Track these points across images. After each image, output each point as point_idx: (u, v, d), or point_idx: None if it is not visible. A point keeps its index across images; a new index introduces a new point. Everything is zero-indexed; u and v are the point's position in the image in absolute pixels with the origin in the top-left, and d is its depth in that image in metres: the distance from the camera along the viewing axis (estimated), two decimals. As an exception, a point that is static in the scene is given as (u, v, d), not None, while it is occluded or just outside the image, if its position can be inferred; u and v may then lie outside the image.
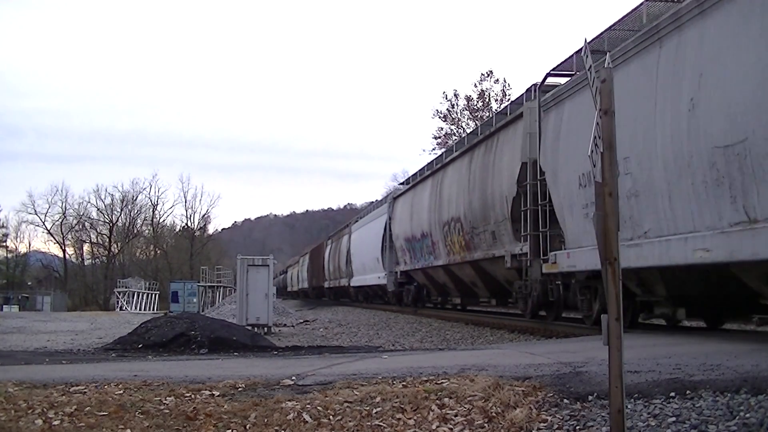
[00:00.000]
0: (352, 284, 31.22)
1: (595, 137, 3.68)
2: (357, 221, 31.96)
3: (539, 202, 12.53)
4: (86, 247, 74.64)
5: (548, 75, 12.78)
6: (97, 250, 73.86)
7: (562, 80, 12.27)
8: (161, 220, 76.51)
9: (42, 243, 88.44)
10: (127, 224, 74.21)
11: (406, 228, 22.01)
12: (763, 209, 6.73)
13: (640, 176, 8.83)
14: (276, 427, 4.56)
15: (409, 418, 4.62)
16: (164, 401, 5.05)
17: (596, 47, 10.31)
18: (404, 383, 5.40)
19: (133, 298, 53.64)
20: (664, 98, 8.35)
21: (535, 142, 12.88)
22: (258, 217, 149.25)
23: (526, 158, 13.13)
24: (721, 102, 7.29)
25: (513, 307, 16.92)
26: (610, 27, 10.43)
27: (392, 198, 24.99)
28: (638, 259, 8.82)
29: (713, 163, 7.38)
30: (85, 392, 5.37)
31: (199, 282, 51.75)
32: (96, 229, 73.60)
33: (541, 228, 12.48)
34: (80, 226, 72.74)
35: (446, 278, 19.41)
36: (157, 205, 74.83)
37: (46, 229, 71.12)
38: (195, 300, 47.52)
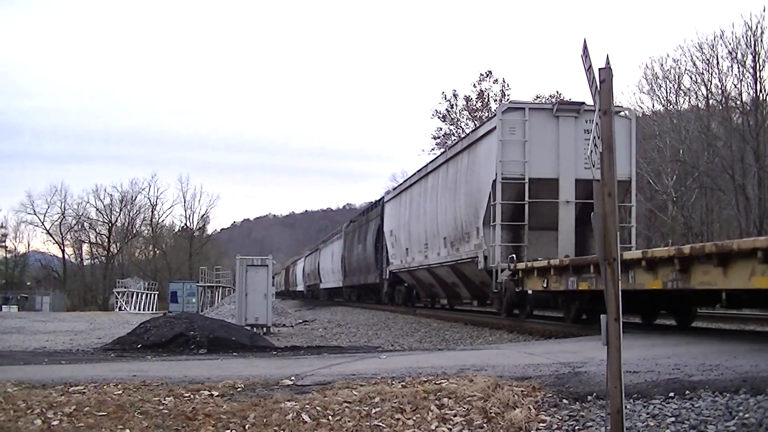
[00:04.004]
0: (297, 289, 56.20)
1: (594, 137, 3.69)
2: (299, 260, 57.62)
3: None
4: (85, 247, 74.72)
5: None
6: (96, 250, 73.89)
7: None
8: (160, 220, 76.59)
9: (41, 243, 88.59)
10: (126, 224, 74.22)
11: (308, 270, 48.73)
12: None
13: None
14: (275, 428, 4.56)
15: (408, 419, 4.62)
16: (163, 401, 5.05)
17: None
18: (403, 383, 5.40)
19: (132, 298, 53.64)
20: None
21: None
22: (257, 218, 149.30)
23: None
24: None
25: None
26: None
27: (305, 255, 52.79)
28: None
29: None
30: (84, 392, 5.37)
31: (198, 282, 51.78)
32: (95, 229, 73.69)
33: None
34: (79, 226, 72.81)
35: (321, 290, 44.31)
36: (156, 205, 74.87)
37: (45, 230, 71.18)
38: (194, 300, 47.54)
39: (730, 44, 30.01)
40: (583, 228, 13.52)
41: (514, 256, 13.02)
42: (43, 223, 70.65)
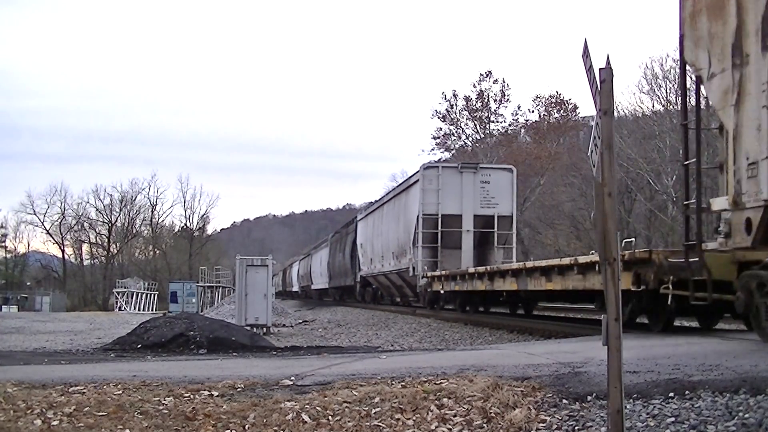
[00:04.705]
0: (293, 290, 59.98)
1: (594, 137, 3.68)
2: (294, 262, 61.83)
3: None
4: (85, 248, 74.68)
5: None
6: (96, 251, 73.87)
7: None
8: (160, 220, 76.55)
9: (41, 243, 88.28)
10: (126, 224, 74.21)
11: (302, 272, 53.07)
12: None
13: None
14: (275, 428, 4.56)
15: (408, 419, 4.62)
16: (163, 401, 5.05)
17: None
18: (403, 383, 5.40)
19: (132, 298, 53.62)
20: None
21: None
22: (257, 218, 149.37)
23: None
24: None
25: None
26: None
27: (300, 259, 57.62)
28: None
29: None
30: (84, 392, 5.37)
31: (198, 282, 51.77)
32: (95, 230, 73.67)
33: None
34: (79, 227, 72.77)
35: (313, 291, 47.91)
36: (156, 205, 74.85)
37: (45, 230, 71.16)
38: (194, 300, 47.56)
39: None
40: (480, 248, 20.02)
41: (426, 267, 19.31)
42: (43, 223, 70.72)
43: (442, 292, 18.45)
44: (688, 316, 10.61)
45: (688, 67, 8.33)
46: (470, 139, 49.55)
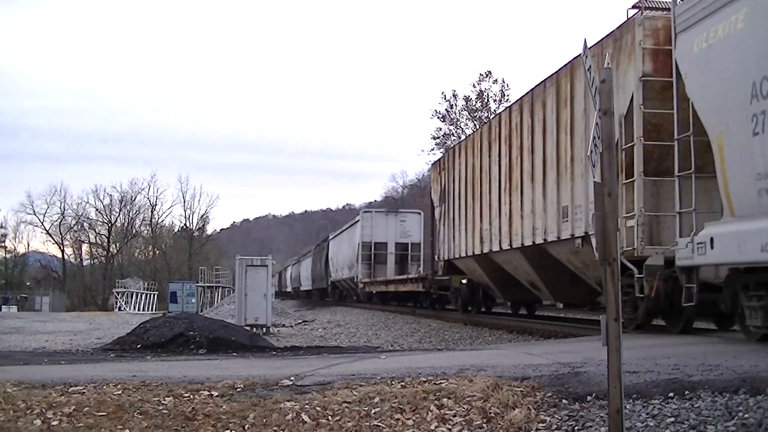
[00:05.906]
0: (287, 290, 66.09)
1: (594, 137, 3.68)
2: (288, 266, 68.13)
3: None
4: (85, 248, 74.45)
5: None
6: (96, 251, 73.67)
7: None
8: (160, 221, 76.28)
9: (41, 243, 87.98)
10: (125, 224, 74.04)
11: (294, 276, 60.34)
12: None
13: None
14: (275, 428, 4.57)
15: (408, 419, 4.62)
16: (163, 401, 5.05)
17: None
18: (403, 384, 5.40)
19: (131, 298, 53.54)
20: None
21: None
22: (257, 218, 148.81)
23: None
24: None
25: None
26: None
27: (292, 264, 64.56)
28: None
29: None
30: (83, 392, 5.36)
31: (197, 282, 51.71)
32: (95, 230, 73.40)
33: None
34: (79, 227, 72.51)
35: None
36: (155, 205, 74.67)
37: (45, 230, 70.91)
38: (194, 300, 47.48)
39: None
40: (400, 264, 29.97)
41: (363, 276, 30.09)
42: (42, 223, 70.44)
43: (374, 292, 29.46)
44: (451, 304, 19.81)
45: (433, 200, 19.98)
46: (470, 139, 49.57)
